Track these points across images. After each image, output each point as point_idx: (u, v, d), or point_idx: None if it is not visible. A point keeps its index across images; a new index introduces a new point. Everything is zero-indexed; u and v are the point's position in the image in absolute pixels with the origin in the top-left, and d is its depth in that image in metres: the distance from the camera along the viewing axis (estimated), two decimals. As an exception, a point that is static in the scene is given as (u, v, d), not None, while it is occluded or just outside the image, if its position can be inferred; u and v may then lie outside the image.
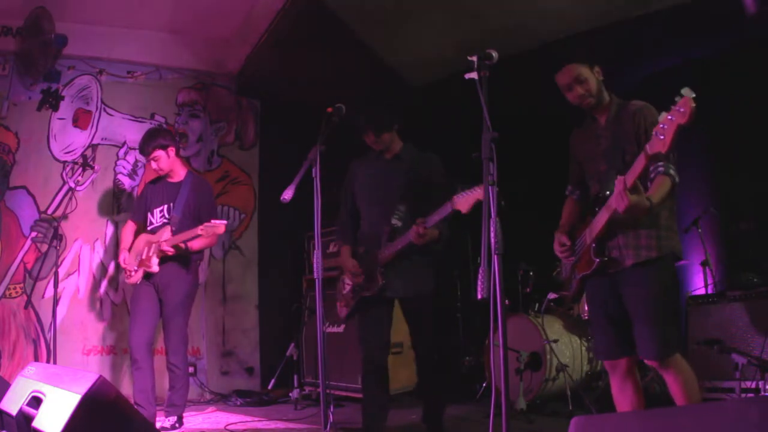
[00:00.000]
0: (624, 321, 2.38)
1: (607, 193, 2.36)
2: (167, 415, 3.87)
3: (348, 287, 3.29)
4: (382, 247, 3.13)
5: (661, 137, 1.97)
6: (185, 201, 3.95)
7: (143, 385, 3.78)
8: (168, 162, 4.01)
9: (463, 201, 2.77)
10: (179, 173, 4.07)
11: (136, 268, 3.92)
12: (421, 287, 3.15)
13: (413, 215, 3.02)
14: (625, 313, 2.38)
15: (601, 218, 2.37)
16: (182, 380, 3.92)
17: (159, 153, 3.95)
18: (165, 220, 3.95)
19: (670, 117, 1.93)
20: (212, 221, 3.68)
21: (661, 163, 2.27)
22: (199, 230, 3.69)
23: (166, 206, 4.00)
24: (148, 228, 4.04)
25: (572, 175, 2.82)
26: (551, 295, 4.32)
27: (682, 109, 1.88)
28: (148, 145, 3.96)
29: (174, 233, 3.83)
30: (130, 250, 4.07)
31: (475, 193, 2.71)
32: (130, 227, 4.18)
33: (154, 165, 3.98)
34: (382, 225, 3.16)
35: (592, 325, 2.64)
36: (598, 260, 2.41)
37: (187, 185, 4.01)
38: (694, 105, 1.86)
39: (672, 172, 2.27)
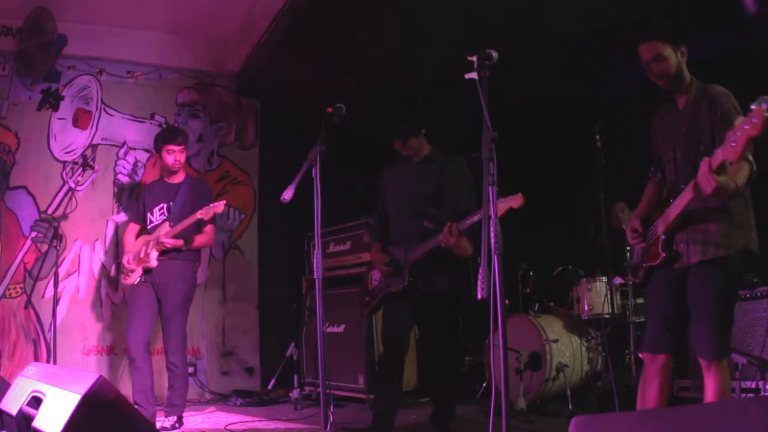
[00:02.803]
0: (676, 319, 2.36)
1: (682, 186, 2.31)
2: (167, 415, 3.88)
3: (375, 282, 3.37)
4: (412, 247, 3.17)
5: (733, 144, 1.92)
6: (184, 199, 4.01)
7: (142, 384, 3.80)
8: (183, 159, 4.13)
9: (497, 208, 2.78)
10: (180, 175, 4.14)
11: (134, 267, 3.96)
12: (446, 285, 3.17)
13: (444, 218, 3.06)
14: (679, 311, 2.35)
15: (675, 209, 2.31)
16: (181, 380, 3.93)
17: (183, 147, 4.09)
18: (164, 218, 4.01)
19: (745, 126, 1.88)
20: (210, 204, 3.77)
21: None
22: (198, 214, 3.76)
23: (165, 205, 4.06)
24: (149, 227, 4.11)
25: (654, 157, 2.70)
26: (617, 280, 4.28)
27: (754, 120, 1.84)
28: (179, 135, 4.11)
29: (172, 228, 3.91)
30: None
31: (509, 201, 2.74)
32: (131, 230, 4.25)
33: (173, 158, 4.04)
34: (411, 226, 3.20)
35: (646, 315, 2.60)
36: (664, 254, 2.37)
37: (187, 185, 4.09)
38: (765, 117, 1.82)
39: (750, 157, 2.17)
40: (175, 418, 3.88)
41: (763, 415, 1.21)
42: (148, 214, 4.12)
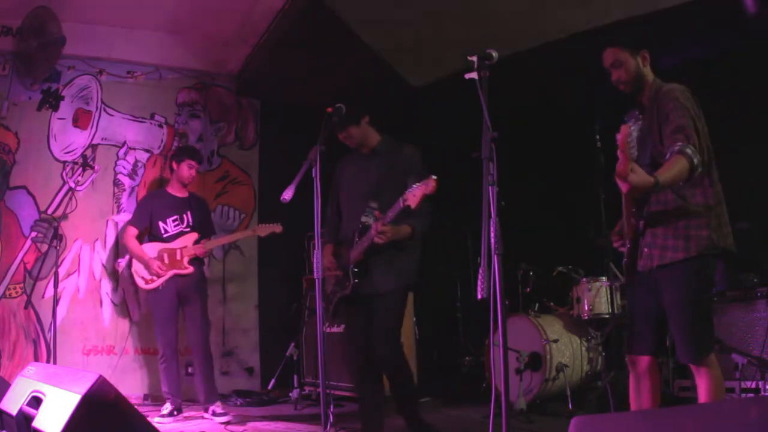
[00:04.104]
0: (652, 320, 2.36)
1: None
2: (210, 403, 4.18)
3: (329, 287, 3.24)
4: (353, 246, 3.05)
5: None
6: (199, 215, 4.47)
7: (173, 377, 4.23)
8: (195, 176, 4.55)
9: (412, 196, 2.70)
10: (185, 190, 4.51)
11: (164, 273, 4.26)
12: (389, 284, 3.01)
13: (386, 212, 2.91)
14: (656, 312, 2.35)
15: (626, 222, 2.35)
16: (208, 366, 4.28)
17: (198, 167, 4.53)
18: (181, 229, 4.38)
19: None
20: (264, 225, 4.44)
21: (679, 143, 2.17)
22: (259, 232, 4.42)
23: (177, 216, 4.39)
24: (164, 235, 4.37)
25: None
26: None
27: (618, 136, 1.92)
28: (200, 155, 4.63)
29: (198, 240, 4.38)
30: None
31: (422, 188, 2.67)
32: (133, 234, 4.43)
33: (189, 173, 4.42)
34: (357, 223, 3.07)
35: (627, 318, 2.62)
36: (625, 260, 2.41)
37: (195, 201, 4.55)
38: (626, 133, 1.91)
39: (689, 151, 2.13)
40: (219, 403, 4.21)
41: (763, 415, 1.21)
42: (161, 224, 4.38)
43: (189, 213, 4.42)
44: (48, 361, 4.52)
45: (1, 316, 4.71)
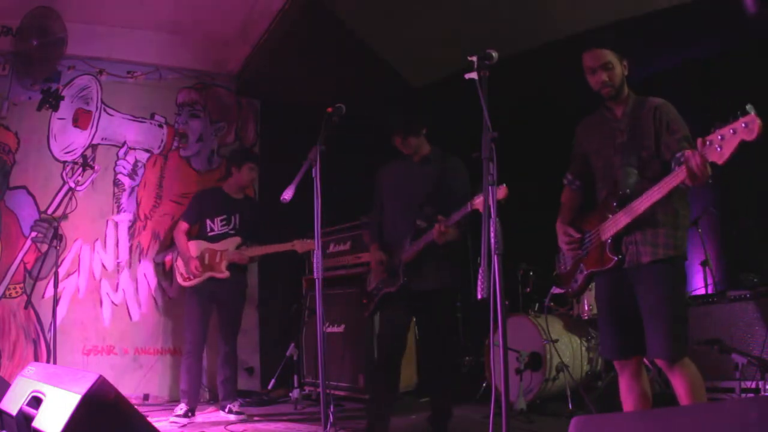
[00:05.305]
0: (634, 319, 2.36)
1: (628, 191, 2.35)
2: (228, 401, 4.29)
3: (373, 284, 3.39)
4: (405, 247, 3.21)
5: (718, 148, 1.91)
6: (246, 218, 4.42)
7: (195, 377, 4.26)
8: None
9: (481, 202, 2.83)
10: (242, 193, 4.52)
11: (200, 274, 4.28)
12: (441, 282, 3.22)
13: (437, 217, 3.10)
14: (635, 311, 2.35)
15: (623, 219, 2.34)
16: (232, 367, 4.37)
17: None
18: (226, 230, 4.38)
19: (731, 130, 1.86)
20: (304, 240, 4.24)
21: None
22: (297, 248, 4.27)
23: (225, 216, 4.40)
24: (209, 234, 4.37)
25: (574, 165, 2.79)
26: (555, 290, 4.30)
27: (749, 126, 1.83)
28: (257, 157, 4.71)
29: (240, 245, 4.35)
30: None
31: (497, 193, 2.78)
32: (183, 229, 4.44)
33: (250, 177, 4.46)
34: (406, 225, 3.23)
35: (600, 322, 2.57)
36: (615, 258, 2.38)
37: (247, 204, 4.52)
38: (761, 123, 1.80)
39: None
40: (238, 403, 4.33)
41: (762, 415, 1.21)
42: (208, 221, 4.39)
43: (238, 215, 4.40)
44: (48, 361, 4.52)
45: (1, 316, 4.71)
